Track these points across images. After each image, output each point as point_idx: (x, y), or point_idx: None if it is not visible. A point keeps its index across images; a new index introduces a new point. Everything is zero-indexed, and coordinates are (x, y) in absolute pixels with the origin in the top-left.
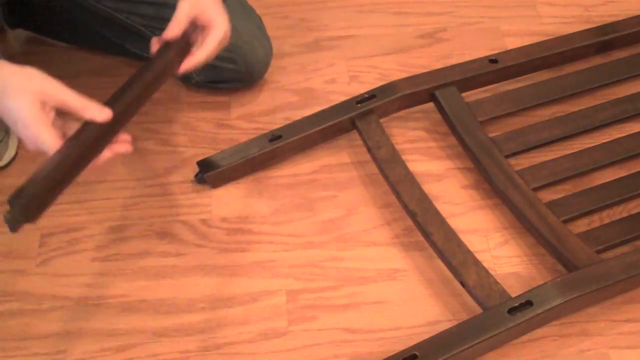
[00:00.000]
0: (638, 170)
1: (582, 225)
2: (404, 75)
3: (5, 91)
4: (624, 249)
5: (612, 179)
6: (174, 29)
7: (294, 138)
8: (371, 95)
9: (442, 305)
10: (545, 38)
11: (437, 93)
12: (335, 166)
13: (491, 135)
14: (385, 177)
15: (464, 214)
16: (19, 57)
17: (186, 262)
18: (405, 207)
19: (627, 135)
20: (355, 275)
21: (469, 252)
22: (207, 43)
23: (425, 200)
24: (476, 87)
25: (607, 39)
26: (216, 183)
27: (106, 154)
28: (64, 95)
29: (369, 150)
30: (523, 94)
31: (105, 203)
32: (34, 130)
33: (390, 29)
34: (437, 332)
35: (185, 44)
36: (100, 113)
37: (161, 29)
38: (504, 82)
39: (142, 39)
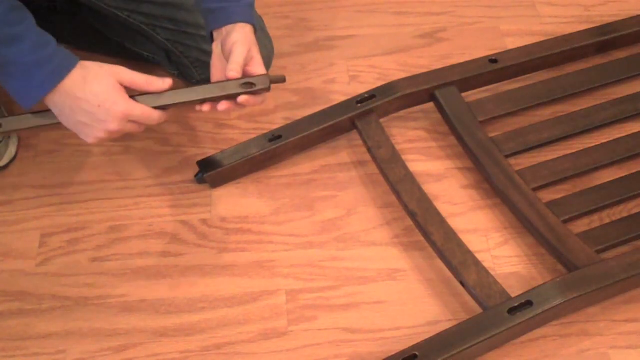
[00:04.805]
0: (638, 170)
1: (582, 225)
2: (404, 75)
3: (87, 79)
4: (624, 249)
5: (612, 179)
6: (236, 71)
7: (294, 138)
8: (371, 95)
9: (442, 305)
10: (545, 38)
11: (437, 93)
12: (335, 166)
13: (491, 135)
14: (385, 177)
15: (464, 214)
16: None
17: (186, 262)
18: (405, 207)
19: (627, 135)
20: (355, 275)
21: (469, 252)
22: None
23: (425, 200)
24: (476, 87)
25: (607, 39)
26: (216, 183)
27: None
28: (132, 75)
29: (369, 150)
30: (523, 94)
31: (105, 203)
32: (124, 103)
33: (390, 29)
34: (437, 332)
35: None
36: (163, 84)
37: (163, 28)
38: (504, 82)
39: (143, 37)
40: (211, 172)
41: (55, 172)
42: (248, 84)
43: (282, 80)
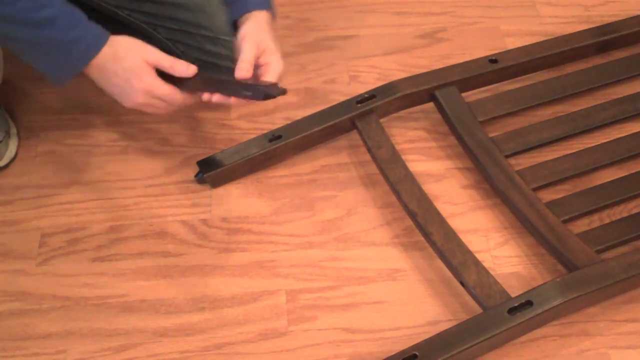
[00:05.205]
0: (638, 170)
1: (582, 225)
2: (404, 75)
3: (117, 55)
4: (624, 249)
5: (612, 179)
6: (246, 70)
7: (294, 138)
8: (371, 95)
9: (442, 305)
10: (545, 38)
11: (437, 93)
12: (335, 166)
13: (491, 135)
14: (385, 177)
15: (464, 214)
16: (17, 58)
17: (186, 262)
18: (405, 207)
19: (627, 135)
20: (355, 275)
21: (469, 252)
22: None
23: (425, 200)
24: (476, 87)
25: (607, 39)
26: (216, 183)
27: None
28: (159, 57)
29: (369, 150)
30: (523, 94)
31: (105, 203)
32: (148, 80)
33: (390, 29)
34: (437, 332)
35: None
36: (187, 69)
37: (164, 27)
38: (504, 82)
39: (144, 37)
40: (211, 172)
41: (55, 172)
42: (249, 92)
43: (282, 93)
